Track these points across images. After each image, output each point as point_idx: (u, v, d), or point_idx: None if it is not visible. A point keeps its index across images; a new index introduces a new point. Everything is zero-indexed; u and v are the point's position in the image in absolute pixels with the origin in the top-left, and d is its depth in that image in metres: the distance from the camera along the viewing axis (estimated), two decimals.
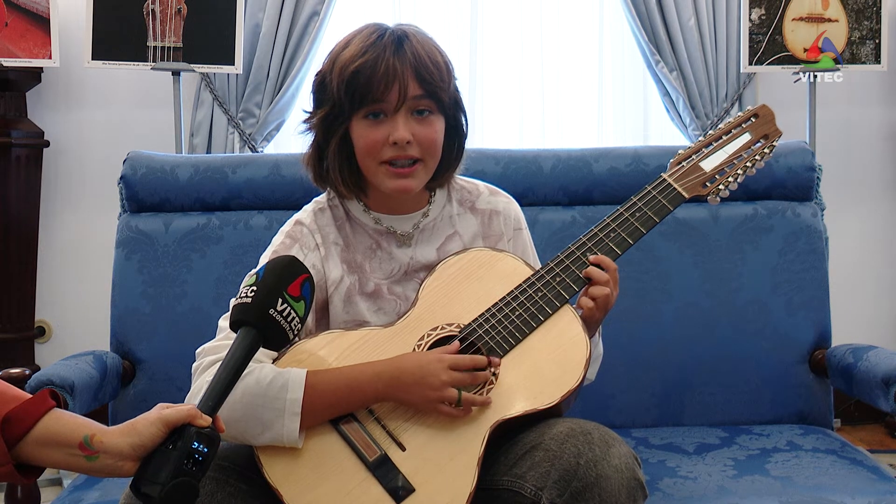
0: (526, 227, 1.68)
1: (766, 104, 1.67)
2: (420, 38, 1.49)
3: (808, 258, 2.07)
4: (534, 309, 1.47)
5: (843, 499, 1.61)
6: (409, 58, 1.45)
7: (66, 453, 1.14)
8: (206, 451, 1.12)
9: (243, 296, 1.21)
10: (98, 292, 2.72)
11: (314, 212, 1.59)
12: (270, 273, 1.22)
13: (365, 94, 1.45)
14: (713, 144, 1.62)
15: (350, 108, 1.47)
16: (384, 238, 1.57)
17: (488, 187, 1.67)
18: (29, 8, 3.13)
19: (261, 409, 1.35)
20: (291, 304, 1.21)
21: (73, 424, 1.16)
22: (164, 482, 1.09)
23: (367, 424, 1.40)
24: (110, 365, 1.97)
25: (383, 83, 1.44)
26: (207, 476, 1.34)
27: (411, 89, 1.45)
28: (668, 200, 1.55)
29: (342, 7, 3.43)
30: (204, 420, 1.14)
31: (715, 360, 2.05)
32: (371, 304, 1.54)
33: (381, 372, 1.40)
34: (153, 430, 1.12)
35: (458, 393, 1.37)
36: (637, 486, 1.33)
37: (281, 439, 1.36)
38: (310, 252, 1.54)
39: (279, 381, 1.37)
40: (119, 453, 1.13)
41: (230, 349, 1.19)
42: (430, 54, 1.47)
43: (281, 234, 1.59)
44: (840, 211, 3.39)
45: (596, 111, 3.59)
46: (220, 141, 3.38)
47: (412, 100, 1.46)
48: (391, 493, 1.34)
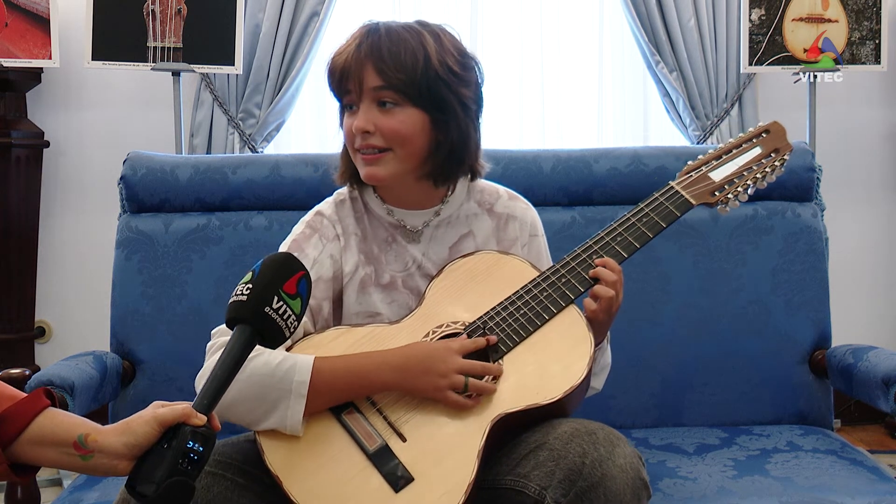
0: (542, 234, 1.69)
1: (777, 121, 1.67)
2: (392, 31, 1.50)
3: (808, 258, 2.07)
4: (539, 308, 1.48)
5: (843, 499, 1.61)
6: (368, 50, 1.48)
7: (60, 452, 1.14)
8: (202, 451, 1.12)
9: (239, 293, 1.20)
10: (98, 292, 2.72)
11: (335, 203, 1.62)
12: (266, 270, 1.21)
13: (337, 88, 1.53)
14: (723, 157, 1.63)
15: (338, 102, 1.55)
16: (398, 231, 1.59)
17: (508, 192, 1.69)
18: (29, 8, 3.13)
19: (268, 389, 1.37)
20: (287, 302, 1.20)
21: (67, 424, 1.15)
22: (159, 481, 1.08)
23: (369, 415, 1.41)
24: (110, 365, 1.97)
25: (345, 76, 1.50)
26: (204, 471, 1.34)
27: (369, 80, 1.48)
28: (676, 207, 1.56)
29: (342, 7, 3.43)
30: (199, 419, 1.13)
31: (715, 360, 2.05)
32: (385, 295, 1.56)
33: (389, 359, 1.42)
34: (148, 429, 1.12)
35: (465, 379, 1.38)
36: (642, 485, 1.33)
37: (284, 422, 1.37)
38: (328, 242, 1.57)
39: (287, 363, 1.38)
40: (114, 452, 1.12)
41: (226, 347, 1.18)
42: (394, 46, 1.48)
43: (301, 223, 1.61)
44: (840, 211, 3.39)
45: (596, 111, 3.59)
46: (220, 141, 3.38)
47: (372, 91, 1.48)
48: (390, 482, 1.35)
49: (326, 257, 1.55)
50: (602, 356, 1.60)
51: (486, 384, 1.41)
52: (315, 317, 1.53)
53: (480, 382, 1.40)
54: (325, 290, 1.54)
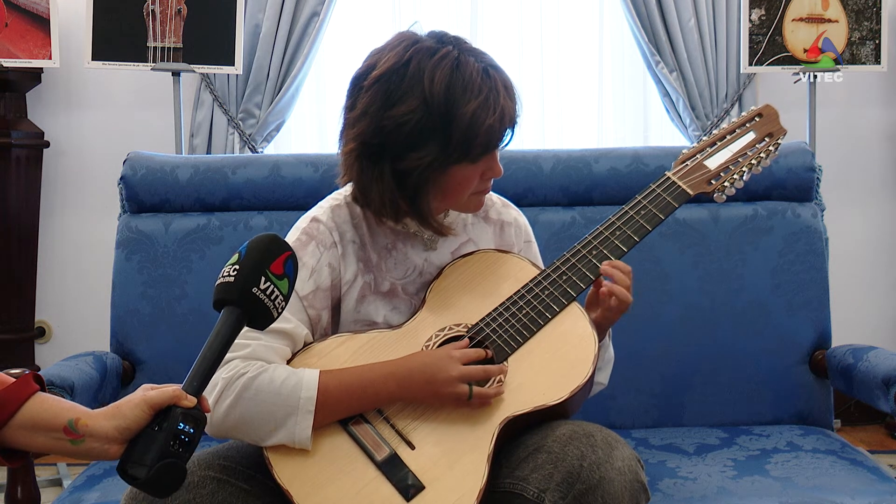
0: (535, 240, 1.69)
1: (769, 104, 1.67)
2: (500, 69, 1.48)
3: (808, 259, 2.07)
4: (541, 307, 1.47)
5: (843, 499, 1.61)
6: (512, 94, 1.47)
7: (51, 437, 1.14)
8: (192, 432, 1.12)
9: (226, 275, 1.19)
10: (98, 293, 2.72)
11: (331, 208, 1.56)
12: (253, 251, 1.21)
13: (491, 142, 1.45)
14: (717, 143, 1.62)
15: (468, 155, 1.44)
16: (401, 239, 1.56)
17: (501, 199, 1.68)
18: (29, 8, 3.13)
19: (275, 406, 1.36)
20: (274, 283, 1.20)
21: (57, 408, 1.15)
22: (150, 464, 1.08)
23: (377, 424, 1.40)
24: (110, 365, 1.97)
25: (505, 128, 1.46)
26: (208, 476, 1.34)
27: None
28: (673, 198, 1.55)
29: (342, 7, 3.42)
30: (189, 401, 1.13)
31: (715, 360, 2.05)
32: (386, 303, 1.53)
33: (393, 372, 1.40)
34: (138, 412, 1.12)
35: (468, 389, 1.38)
36: (640, 488, 1.33)
37: (293, 438, 1.36)
38: (326, 250, 1.52)
39: (293, 379, 1.37)
40: (105, 436, 1.12)
41: (214, 329, 1.18)
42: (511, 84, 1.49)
43: (297, 229, 1.55)
44: (840, 211, 3.39)
45: (596, 111, 3.59)
46: (220, 141, 3.38)
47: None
48: (401, 491, 1.34)
49: (324, 266, 1.51)
50: (605, 352, 1.59)
51: (490, 390, 1.40)
52: (314, 326, 1.49)
53: (484, 390, 1.39)
54: (323, 299, 1.50)
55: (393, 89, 1.42)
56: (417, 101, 1.41)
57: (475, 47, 1.48)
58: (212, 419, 1.37)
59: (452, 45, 1.44)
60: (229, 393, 1.36)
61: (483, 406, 1.39)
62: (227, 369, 1.37)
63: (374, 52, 1.48)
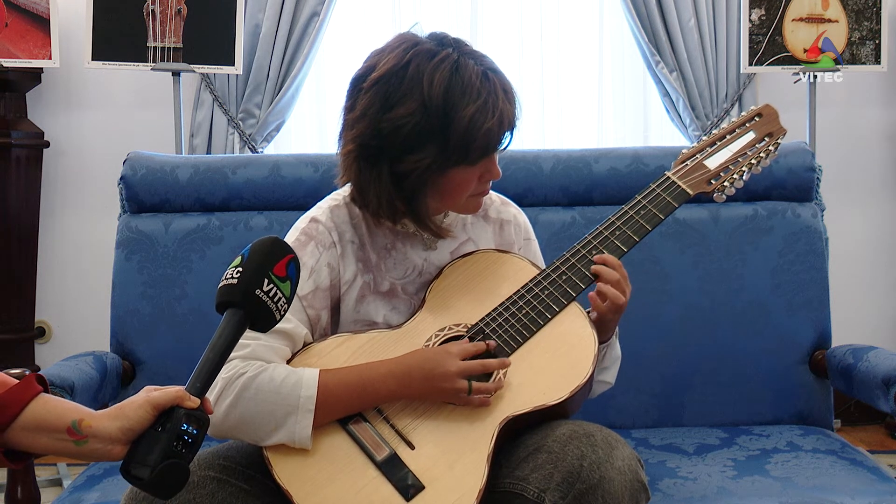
0: (534, 237, 1.69)
1: (769, 104, 1.67)
2: (500, 72, 1.48)
3: (808, 259, 2.07)
4: (541, 307, 1.47)
5: (843, 499, 1.61)
6: (512, 97, 1.46)
7: (54, 438, 1.14)
8: (196, 433, 1.12)
9: (229, 277, 1.20)
10: (98, 293, 2.72)
11: (330, 209, 1.55)
12: (256, 254, 1.21)
13: (490, 145, 1.44)
14: (717, 143, 1.62)
15: (466, 158, 1.43)
16: (400, 239, 1.56)
17: (500, 197, 1.68)
18: (29, 8, 3.13)
19: (274, 405, 1.36)
20: (277, 285, 1.20)
21: (60, 409, 1.15)
22: (154, 464, 1.08)
23: (376, 423, 1.40)
24: (110, 365, 1.97)
25: (503, 132, 1.45)
26: (208, 476, 1.34)
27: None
28: (673, 198, 1.56)
29: (342, 7, 3.43)
30: (192, 401, 1.13)
31: (715, 360, 2.05)
32: (386, 303, 1.53)
33: (393, 370, 1.40)
34: (142, 412, 1.12)
35: (468, 384, 1.38)
36: (640, 487, 1.33)
37: (293, 437, 1.36)
38: (325, 251, 1.52)
39: (292, 378, 1.38)
40: (108, 437, 1.12)
41: (217, 330, 1.18)
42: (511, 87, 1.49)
43: (296, 230, 1.54)
44: (840, 211, 3.39)
45: (596, 111, 3.59)
46: (220, 141, 3.38)
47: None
48: (401, 491, 1.34)
49: (324, 266, 1.50)
50: (611, 350, 1.59)
51: (490, 384, 1.40)
52: (314, 326, 1.49)
53: (484, 384, 1.39)
54: (322, 299, 1.50)
55: (392, 91, 1.42)
56: (416, 103, 1.41)
57: (475, 50, 1.47)
58: (212, 419, 1.37)
59: (452, 48, 1.44)
60: (229, 393, 1.37)
61: (483, 402, 1.39)
62: (226, 369, 1.37)
63: (373, 54, 1.48)
